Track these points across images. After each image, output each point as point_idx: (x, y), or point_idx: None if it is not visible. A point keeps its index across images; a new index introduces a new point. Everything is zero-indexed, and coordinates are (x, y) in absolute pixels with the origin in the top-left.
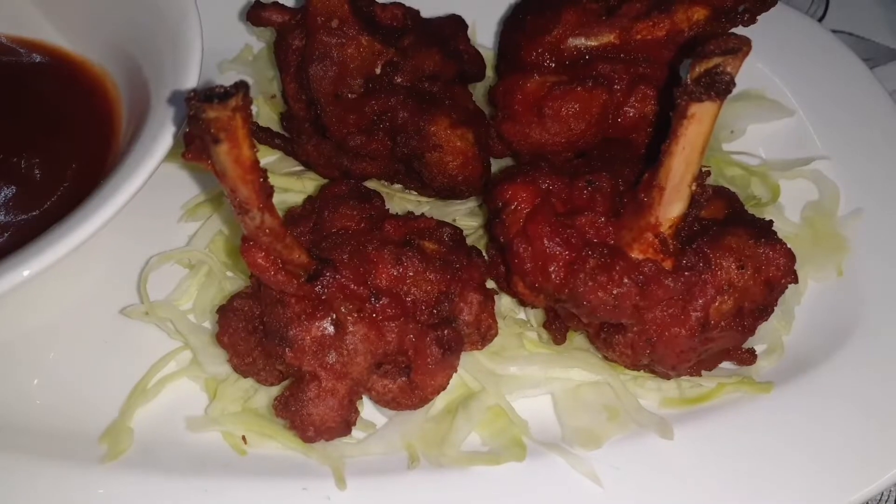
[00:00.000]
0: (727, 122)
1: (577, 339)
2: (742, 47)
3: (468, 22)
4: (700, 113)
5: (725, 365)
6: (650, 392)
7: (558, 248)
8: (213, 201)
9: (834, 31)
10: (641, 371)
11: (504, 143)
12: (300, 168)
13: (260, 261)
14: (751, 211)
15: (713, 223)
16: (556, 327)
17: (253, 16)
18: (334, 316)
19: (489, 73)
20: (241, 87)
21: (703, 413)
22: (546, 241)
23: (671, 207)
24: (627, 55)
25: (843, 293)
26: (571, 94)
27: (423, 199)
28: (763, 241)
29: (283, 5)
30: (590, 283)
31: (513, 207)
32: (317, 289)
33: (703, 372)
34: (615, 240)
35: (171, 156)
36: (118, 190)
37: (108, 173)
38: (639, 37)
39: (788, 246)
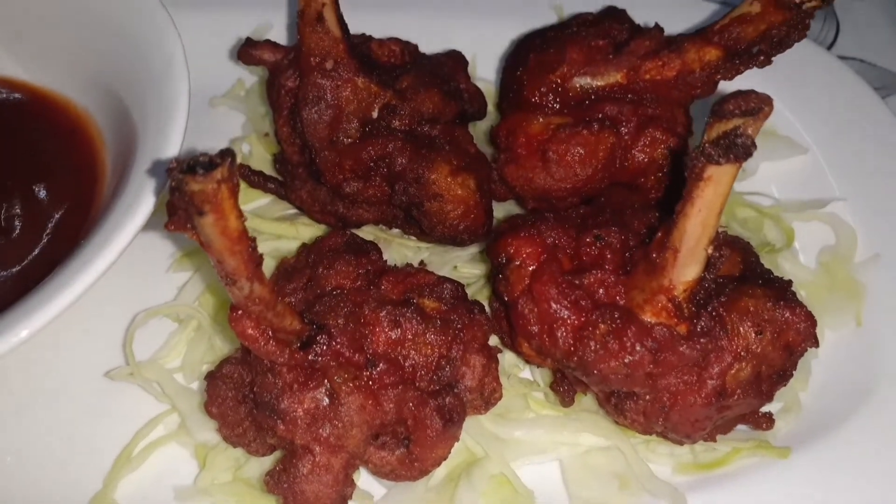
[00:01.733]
0: None
1: (585, 400)
2: (763, 107)
3: (468, 55)
4: (718, 175)
5: (740, 427)
6: (662, 457)
7: (566, 310)
8: (203, 251)
9: (844, 58)
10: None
11: (507, 187)
12: (294, 211)
13: (249, 331)
14: (764, 258)
15: (728, 280)
16: (564, 389)
17: (244, 54)
18: (328, 385)
19: (490, 108)
20: (227, 155)
21: (717, 480)
22: (553, 304)
23: (686, 270)
24: (635, 95)
25: (863, 344)
26: (577, 137)
27: (423, 244)
28: (782, 304)
29: (275, 43)
30: (600, 352)
31: (517, 264)
32: (310, 357)
33: (717, 436)
34: (626, 300)
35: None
36: (98, 255)
37: (91, 226)
38: (647, 77)
39: (808, 309)
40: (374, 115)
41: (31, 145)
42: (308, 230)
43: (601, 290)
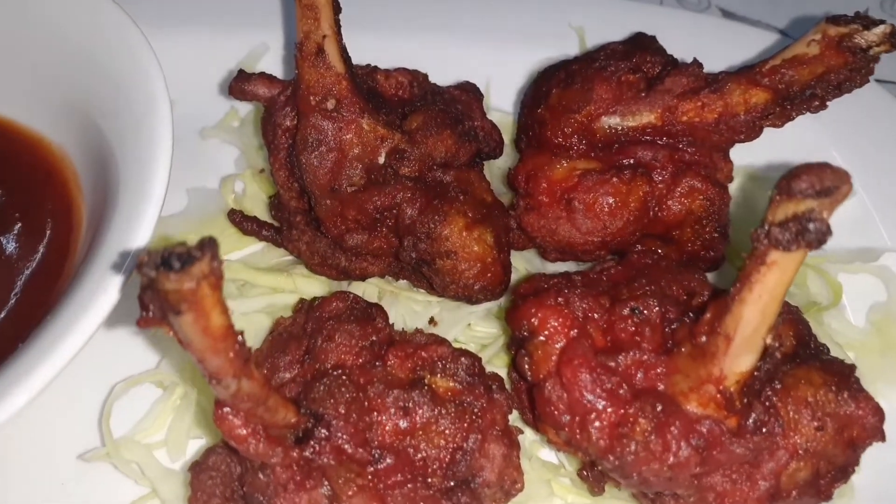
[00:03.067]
0: None
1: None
2: (840, 186)
3: (482, 82)
4: (783, 261)
5: None
6: None
7: (601, 401)
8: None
9: (885, 82)
10: None
11: (527, 236)
12: (290, 258)
13: (238, 431)
14: (810, 317)
15: (780, 360)
16: (594, 476)
17: (236, 89)
18: (328, 486)
19: (506, 141)
20: (207, 248)
21: None
22: (586, 392)
23: (739, 361)
24: (670, 138)
25: None
26: (606, 185)
27: (433, 298)
28: (846, 395)
29: (270, 77)
30: (641, 453)
31: (542, 339)
32: (307, 454)
33: None
34: (667, 385)
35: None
36: (61, 341)
37: (63, 286)
38: (685, 118)
39: (875, 401)
40: (381, 160)
41: (4, 188)
42: (306, 282)
43: (639, 374)
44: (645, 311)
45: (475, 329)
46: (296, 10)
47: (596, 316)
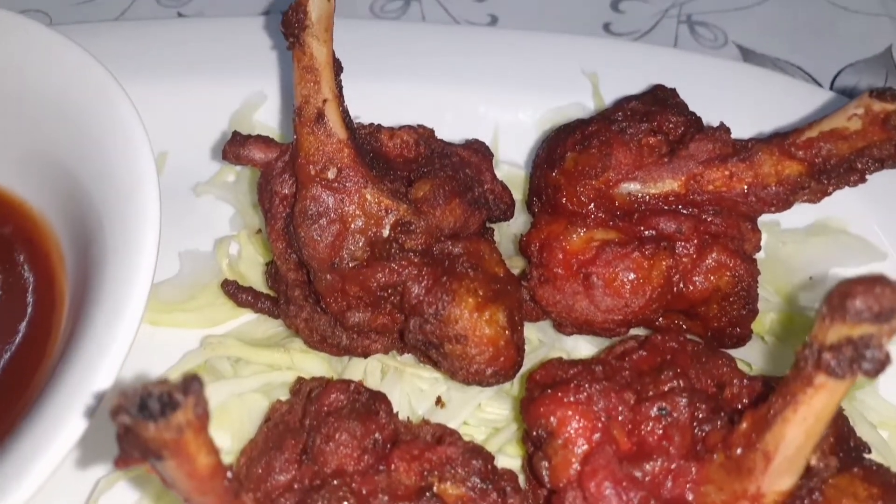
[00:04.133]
0: (805, 264)
1: None
2: None
3: (491, 132)
4: (833, 385)
5: None
6: None
7: None
8: None
9: None
10: None
11: (541, 309)
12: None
13: None
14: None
15: (820, 465)
16: None
17: (230, 153)
18: None
19: (517, 196)
20: (191, 391)
21: None
22: None
23: (779, 480)
24: (695, 207)
25: None
26: (627, 259)
27: (440, 374)
28: None
29: (266, 139)
30: None
31: (561, 442)
32: None
33: None
34: (697, 495)
35: None
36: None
37: (46, 371)
38: (711, 187)
39: None
40: (385, 232)
41: None
42: (304, 358)
43: (668, 482)
44: (673, 413)
45: (486, 410)
46: (294, 72)
47: (620, 415)
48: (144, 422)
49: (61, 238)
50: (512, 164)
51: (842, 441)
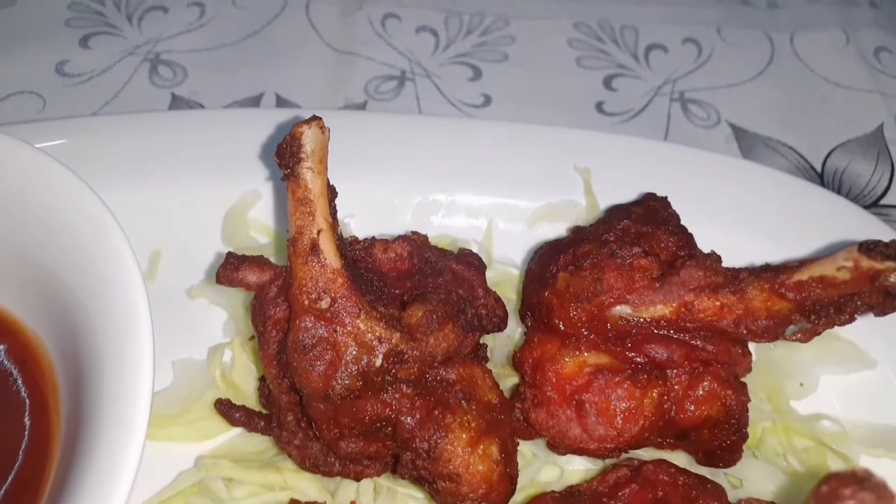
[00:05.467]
0: (797, 369)
1: None
2: None
3: (483, 225)
4: None
5: None
6: None
7: None
8: (184, 496)
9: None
10: None
11: (534, 430)
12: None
13: None
14: None
15: None
16: None
17: (224, 275)
18: None
19: (513, 296)
20: None
21: None
22: None
23: None
24: (686, 332)
25: None
26: (619, 388)
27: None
28: None
29: (260, 262)
30: None
31: None
32: None
33: None
34: None
35: None
36: None
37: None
38: (702, 316)
39: None
40: (378, 362)
41: None
42: (297, 478)
43: None
44: None
45: None
46: (288, 202)
47: None
48: None
49: (55, 361)
50: (505, 264)
51: None
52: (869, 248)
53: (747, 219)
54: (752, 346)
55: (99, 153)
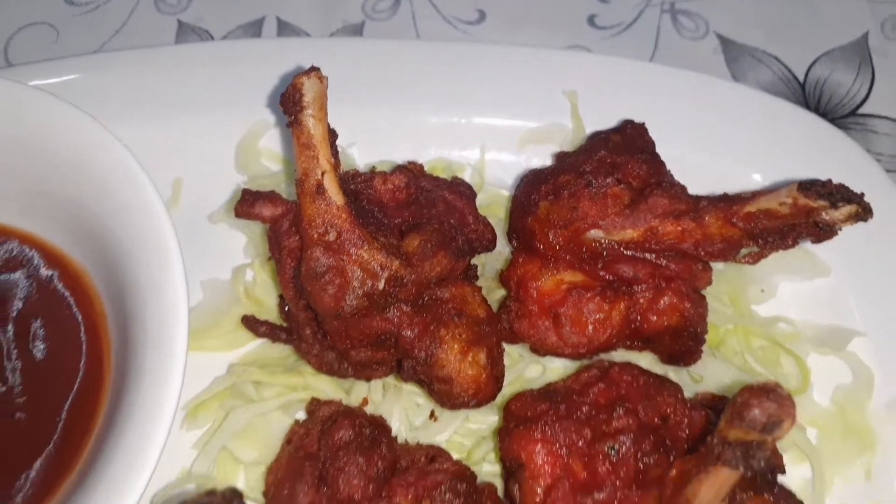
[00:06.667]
0: (758, 277)
1: None
2: (785, 420)
3: (477, 148)
4: (730, 471)
5: None
6: None
7: None
8: (219, 398)
9: (875, 117)
10: None
11: (518, 337)
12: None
13: None
14: None
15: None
16: None
17: (241, 210)
18: None
19: (502, 216)
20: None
21: None
22: None
23: None
24: (651, 252)
25: (872, 500)
26: (591, 302)
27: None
28: None
29: (273, 198)
30: None
31: (528, 474)
32: None
33: None
34: None
35: None
36: None
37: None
38: (665, 239)
39: None
40: (381, 286)
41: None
42: (316, 380)
43: None
44: (621, 451)
45: (471, 421)
46: (294, 146)
47: (578, 451)
48: None
49: (99, 288)
50: (497, 186)
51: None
52: (806, 187)
53: (723, 138)
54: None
55: (115, 89)
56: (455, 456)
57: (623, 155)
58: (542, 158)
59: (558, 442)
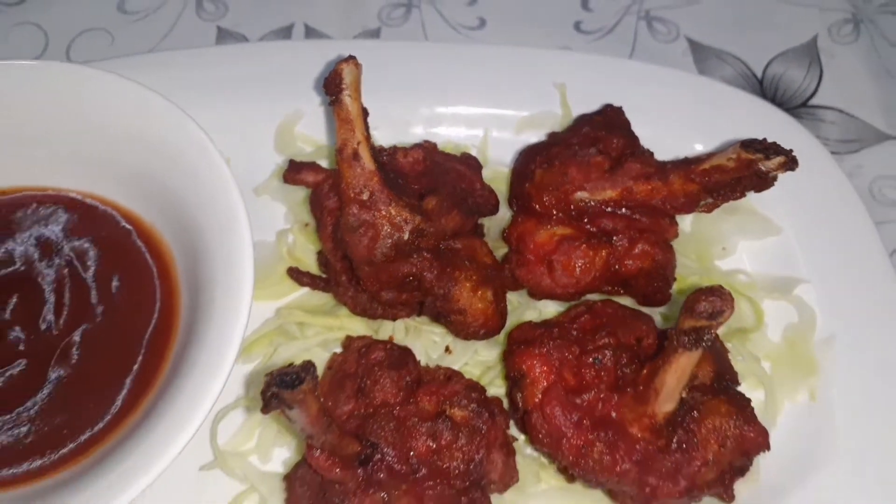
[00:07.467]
0: (720, 237)
1: None
2: (725, 310)
3: (481, 132)
4: (688, 354)
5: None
6: None
7: (570, 430)
8: (269, 337)
9: (823, 108)
10: None
11: (518, 283)
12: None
13: (324, 463)
14: (739, 336)
15: (701, 389)
16: (568, 473)
17: (289, 177)
18: (384, 493)
19: (504, 189)
20: (310, 372)
21: None
22: (559, 424)
23: (664, 405)
24: (627, 209)
25: (815, 417)
26: (578, 250)
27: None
28: (742, 421)
29: (315, 167)
30: (597, 466)
31: (529, 381)
32: (368, 471)
33: None
34: (618, 414)
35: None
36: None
37: (176, 347)
38: (639, 196)
39: (762, 425)
40: (406, 237)
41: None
42: (350, 322)
43: (599, 405)
44: (603, 360)
45: (480, 354)
46: (335, 121)
47: (568, 362)
48: (284, 390)
49: (172, 247)
50: (498, 164)
51: (718, 376)
52: (747, 144)
53: (689, 123)
54: (688, 220)
55: (167, 83)
56: None
57: (603, 131)
58: (536, 140)
59: (552, 356)
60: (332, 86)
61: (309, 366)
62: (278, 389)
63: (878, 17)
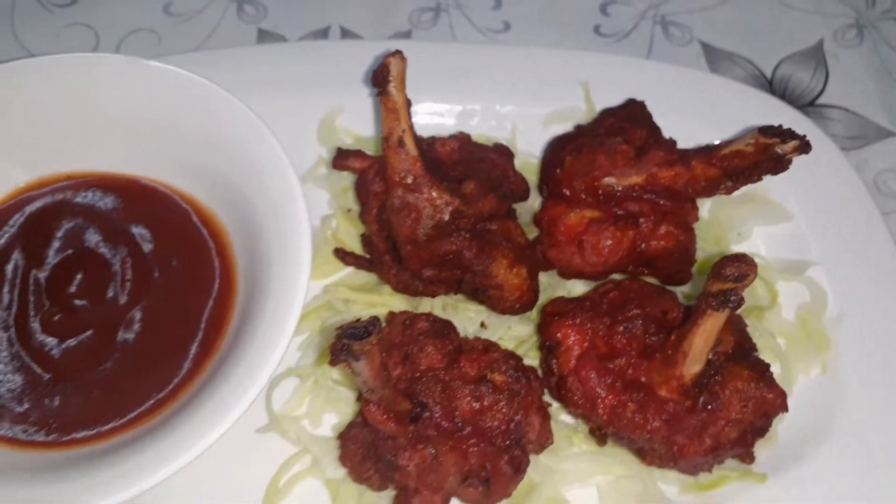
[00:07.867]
0: (736, 224)
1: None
2: (750, 274)
3: (510, 126)
4: (716, 315)
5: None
6: (673, 481)
7: (603, 391)
8: (317, 312)
9: (829, 107)
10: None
11: (549, 263)
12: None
13: (379, 416)
14: (756, 314)
15: (724, 357)
16: (599, 435)
17: (337, 163)
18: (432, 447)
19: (533, 179)
20: (376, 326)
21: (713, 499)
22: (594, 386)
23: (692, 367)
24: (652, 193)
25: (827, 390)
26: (606, 231)
27: (483, 308)
28: (762, 385)
29: (361, 154)
30: (629, 424)
31: (564, 348)
32: (418, 428)
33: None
34: (648, 379)
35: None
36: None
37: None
38: (663, 182)
39: (780, 387)
40: (446, 218)
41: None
42: (392, 299)
43: (629, 371)
44: (633, 329)
45: (514, 329)
46: (382, 111)
47: (600, 331)
48: (353, 341)
49: (229, 229)
50: (527, 155)
51: (739, 345)
52: (765, 130)
53: (705, 117)
54: (706, 208)
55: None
56: None
57: (627, 122)
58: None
59: (585, 326)
60: (379, 78)
61: (375, 320)
62: (348, 341)
63: (880, 22)
